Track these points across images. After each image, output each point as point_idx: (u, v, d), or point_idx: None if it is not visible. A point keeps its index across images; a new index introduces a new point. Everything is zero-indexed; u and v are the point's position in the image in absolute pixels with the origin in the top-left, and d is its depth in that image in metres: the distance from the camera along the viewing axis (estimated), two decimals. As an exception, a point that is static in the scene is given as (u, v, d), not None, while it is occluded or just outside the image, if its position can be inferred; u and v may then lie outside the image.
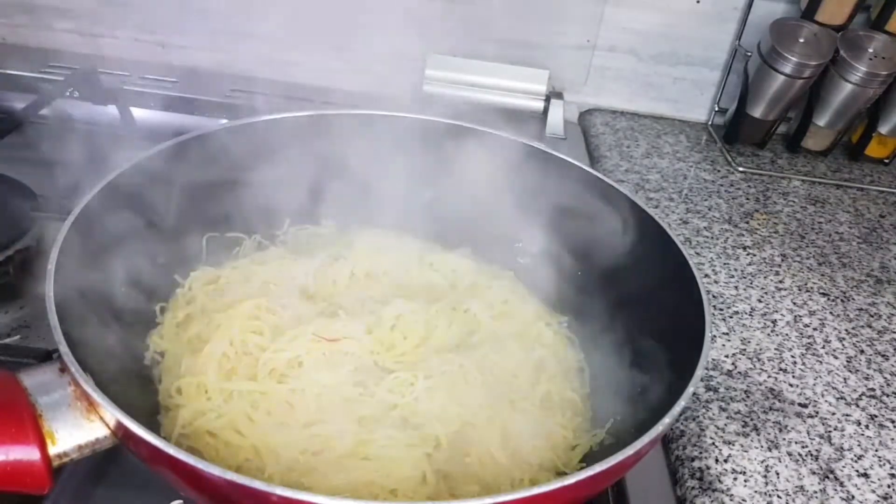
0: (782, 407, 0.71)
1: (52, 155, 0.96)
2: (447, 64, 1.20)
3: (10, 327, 0.68)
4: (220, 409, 0.55)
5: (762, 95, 1.14)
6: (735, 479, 0.62)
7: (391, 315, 0.63)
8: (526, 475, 0.56)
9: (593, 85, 1.27)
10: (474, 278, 0.73)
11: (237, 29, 1.22)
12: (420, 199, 0.84)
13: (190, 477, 0.42)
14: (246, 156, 0.75)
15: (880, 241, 1.02)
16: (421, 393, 0.57)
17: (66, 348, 0.45)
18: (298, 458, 0.53)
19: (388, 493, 0.52)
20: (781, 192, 1.11)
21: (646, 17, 1.19)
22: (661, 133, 1.24)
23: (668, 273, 0.63)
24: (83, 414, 0.45)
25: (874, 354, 0.80)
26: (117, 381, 0.52)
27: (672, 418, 0.47)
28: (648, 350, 0.62)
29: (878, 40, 1.08)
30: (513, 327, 0.68)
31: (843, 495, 0.62)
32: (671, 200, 1.04)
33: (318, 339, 0.59)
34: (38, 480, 0.44)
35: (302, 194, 0.80)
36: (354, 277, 0.71)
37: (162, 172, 0.67)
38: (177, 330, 0.63)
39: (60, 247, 0.52)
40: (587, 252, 0.75)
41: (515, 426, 0.58)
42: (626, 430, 0.58)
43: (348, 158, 0.81)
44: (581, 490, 0.45)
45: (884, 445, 0.68)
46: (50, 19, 1.23)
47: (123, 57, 1.25)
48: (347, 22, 1.21)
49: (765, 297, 0.86)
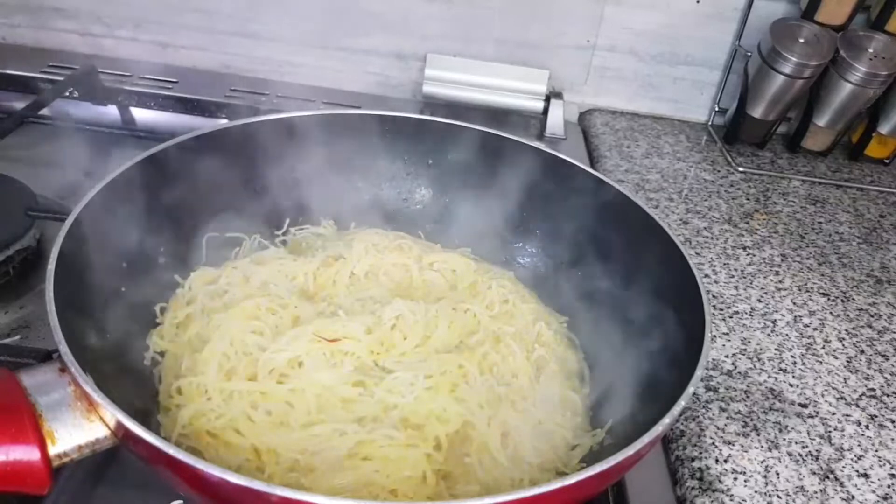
0: (782, 407, 0.71)
1: (52, 155, 0.97)
2: (447, 64, 1.20)
3: (10, 327, 0.68)
4: (220, 409, 0.55)
5: (762, 95, 1.14)
6: (735, 479, 0.62)
7: (391, 315, 0.63)
8: (526, 475, 0.56)
9: (593, 85, 1.27)
10: (474, 278, 0.73)
11: (237, 29, 1.22)
12: (420, 199, 0.84)
13: (190, 477, 0.42)
14: (246, 156, 0.75)
15: (880, 241, 1.02)
16: (421, 393, 0.57)
17: (66, 348, 0.45)
18: (298, 458, 0.53)
19: (388, 493, 0.52)
20: (781, 192, 1.11)
21: (646, 17, 1.19)
22: (661, 133, 1.24)
23: (668, 273, 0.64)
24: (83, 414, 0.45)
25: (874, 354, 0.80)
26: (117, 381, 0.52)
27: (672, 418, 0.47)
28: (648, 350, 0.62)
29: (878, 40, 1.08)
30: (513, 327, 0.68)
31: (843, 495, 0.62)
32: (671, 200, 1.04)
33: (318, 339, 0.59)
34: (38, 480, 0.44)
35: (302, 194, 0.80)
36: (354, 277, 0.71)
37: (162, 172, 0.67)
38: (177, 330, 0.63)
39: (60, 247, 0.52)
40: (587, 252, 0.75)
41: (515, 426, 0.58)
42: (626, 430, 0.58)
43: (348, 158, 0.81)
44: (581, 490, 0.45)
45: (884, 445, 0.68)
46: (50, 19, 1.23)
47: (123, 57, 1.25)
48: (347, 22, 1.21)
49: (765, 297, 0.86)
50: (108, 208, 0.59)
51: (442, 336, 0.64)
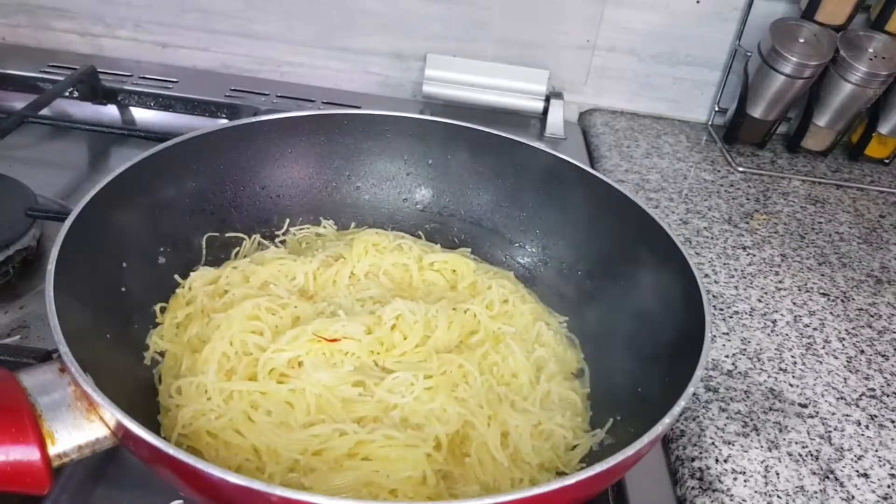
0: (782, 407, 0.71)
1: (52, 155, 0.97)
2: (447, 64, 1.20)
3: (10, 327, 0.68)
4: (220, 409, 0.55)
5: (762, 95, 1.14)
6: (735, 479, 0.62)
7: (391, 315, 0.63)
8: (526, 475, 0.56)
9: (593, 85, 1.27)
10: (474, 278, 0.73)
11: (237, 29, 1.22)
12: (420, 199, 0.84)
13: (190, 477, 0.42)
14: (246, 156, 0.75)
15: (880, 241, 1.02)
16: (421, 393, 0.57)
17: (66, 348, 0.45)
18: (298, 458, 0.53)
19: (388, 493, 0.52)
20: (781, 192, 1.11)
21: (646, 17, 1.19)
22: (661, 133, 1.24)
23: (668, 273, 0.63)
24: (83, 414, 0.45)
25: (874, 354, 0.80)
26: (117, 381, 0.52)
27: (672, 418, 0.47)
28: (648, 350, 0.62)
29: (878, 40, 1.08)
30: (513, 327, 0.68)
31: (843, 495, 0.62)
32: (671, 200, 1.04)
33: (318, 339, 0.59)
34: (38, 480, 0.44)
35: (302, 194, 0.80)
36: (354, 277, 0.71)
37: (162, 172, 0.67)
38: (177, 330, 0.63)
39: (60, 247, 0.52)
40: (587, 252, 0.75)
41: (515, 426, 0.58)
42: (626, 430, 0.58)
43: (348, 158, 0.81)
44: (581, 490, 0.45)
45: (884, 445, 0.68)
46: (50, 19, 1.23)
47: (123, 57, 1.25)
48: (347, 22, 1.21)
49: (765, 297, 0.86)
50: (108, 208, 0.59)
51: (442, 336, 0.64)
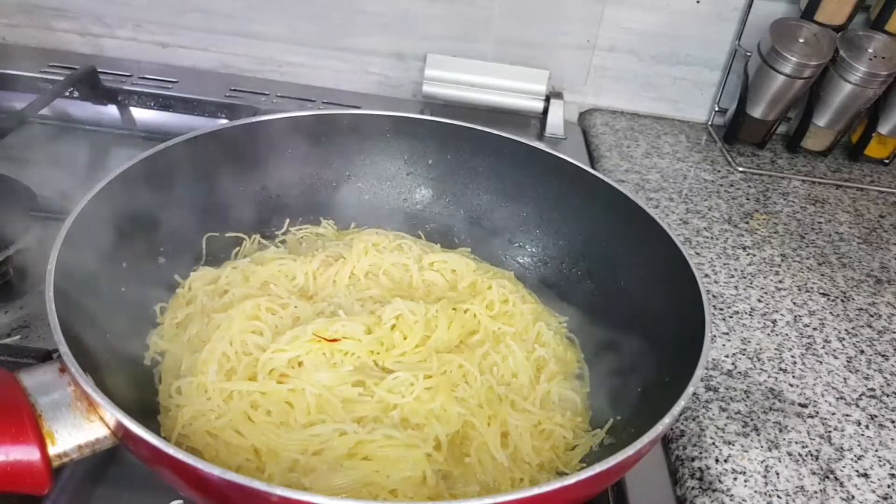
0: (782, 407, 0.71)
1: (52, 155, 0.97)
2: (447, 64, 1.20)
3: (10, 327, 0.68)
4: (220, 409, 0.55)
5: (762, 95, 1.14)
6: (735, 479, 0.62)
7: (391, 315, 0.63)
8: (526, 475, 0.56)
9: (593, 85, 1.27)
10: (474, 278, 0.73)
11: (237, 29, 1.22)
12: (420, 199, 0.84)
13: (190, 477, 0.42)
14: (246, 156, 0.75)
15: (880, 241, 1.02)
16: (421, 393, 0.57)
17: (66, 348, 0.45)
18: (298, 458, 0.53)
19: (388, 493, 0.52)
20: (781, 192, 1.11)
21: (646, 17, 1.19)
22: (661, 133, 1.24)
23: (668, 273, 0.64)
24: (83, 414, 0.45)
25: (874, 354, 0.80)
26: (117, 382, 0.52)
27: (672, 418, 0.47)
28: (648, 350, 0.62)
29: (878, 40, 1.08)
30: (513, 327, 0.68)
31: (843, 495, 0.62)
32: (671, 200, 1.04)
33: (317, 339, 0.59)
34: (38, 480, 0.44)
35: (302, 194, 0.80)
36: (354, 277, 0.71)
37: (162, 172, 0.67)
38: (177, 330, 0.63)
39: (60, 247, 0.52)
40: (587, 252, 0.75)
41: (515, 426, 0.58)
42: (626, 430, 0.58)
43: (348, 158, 0.81)
44: (581, 490, 0.45)
45: (884, 445, 0.68)
46: (50, 19, 1.23)
47: (123, 57, 1.25)
48: (347, 22, 1.21)
49: (765, 297, 0.86)
50: (107, 208, 0.59)
51: (442, 336, 0.64)
